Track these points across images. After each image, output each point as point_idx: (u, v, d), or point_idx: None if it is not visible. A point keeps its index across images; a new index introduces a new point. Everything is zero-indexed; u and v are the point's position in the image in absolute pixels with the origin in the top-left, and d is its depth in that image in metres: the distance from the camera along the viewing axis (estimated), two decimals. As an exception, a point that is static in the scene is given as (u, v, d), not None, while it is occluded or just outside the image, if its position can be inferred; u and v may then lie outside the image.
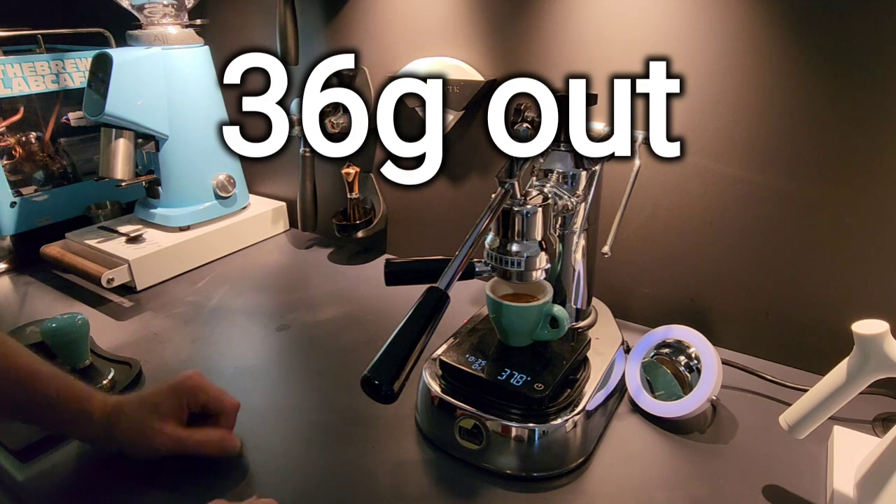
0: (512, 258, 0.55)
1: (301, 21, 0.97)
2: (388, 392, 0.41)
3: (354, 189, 1.01)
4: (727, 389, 0.68)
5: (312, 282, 0.99)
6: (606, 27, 0.72)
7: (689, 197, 0.74)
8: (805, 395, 0.51)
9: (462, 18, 0.84)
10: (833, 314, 0.68)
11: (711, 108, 0.69)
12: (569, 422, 0.56)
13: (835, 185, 0.64)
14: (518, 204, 0.54)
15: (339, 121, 0.97)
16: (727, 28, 0.65)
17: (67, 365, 0.68)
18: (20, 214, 1.05)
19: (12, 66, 1.01)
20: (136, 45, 1.00)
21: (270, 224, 1.18)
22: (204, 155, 1.06)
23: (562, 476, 0.57)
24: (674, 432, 0.62)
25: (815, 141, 0.64)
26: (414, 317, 0.45)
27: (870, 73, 0.59)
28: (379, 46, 0.94)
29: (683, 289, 0.78)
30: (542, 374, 0.57)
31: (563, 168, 0.62)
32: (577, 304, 0.69)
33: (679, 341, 0.64)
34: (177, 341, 0.82)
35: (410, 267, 0.62)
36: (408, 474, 0.58)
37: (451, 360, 0.60)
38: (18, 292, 0.97)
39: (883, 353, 0.45)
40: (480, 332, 0.65)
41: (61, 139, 1.14)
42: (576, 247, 0.66)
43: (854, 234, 0.65)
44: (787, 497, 0.54)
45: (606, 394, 0.62)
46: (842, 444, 0.57)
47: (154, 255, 0.97)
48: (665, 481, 0.56)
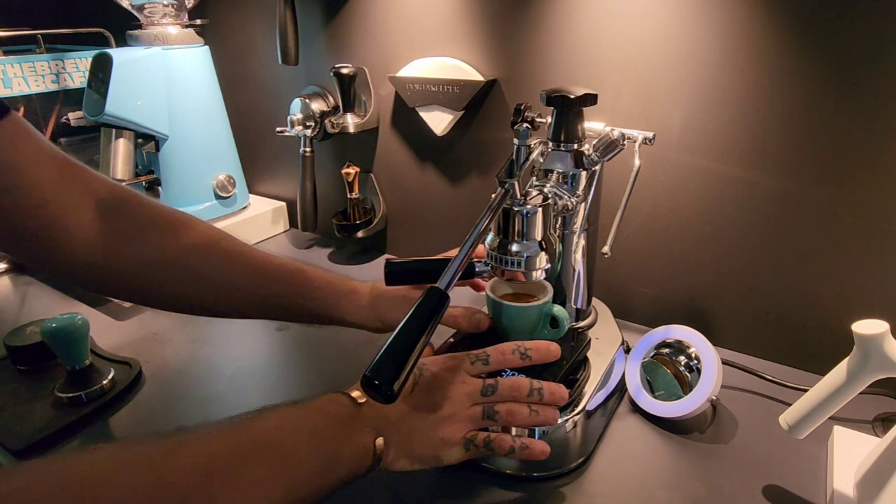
0: (512, 258, 0.55)
1: (301, 21, 0.97)
2: (389, 392, 0.41)
3: (354, 189, 1.01)
4: (727, 389, 0.68)
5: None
6: (606, 27, 0.72)
7: (689, 197, 0.74)
8: (805, 395, 0.51)
9: (462, 18, 0.84)
10: (833, 314, 0.68)
11: (711, 108, 0.69)
12: (569, 422, 0.56)
13: (835, 185, 0.64)
14: (518, 204, 0.54)
15: (339, 121, 0.97)
16: (728, 28, 0.65)
17: (67, 365, 0.68)
18: (20, 214, 1.05)
19: (12, 66, 1.01)
20: (136, 45, 1.00)
21: (270, 224, 1.18)
22: (204, 155, 1.06)
23: (562, 476, 0.57)
24: (674, 432, 0.62)
25: (815, 141, 0.64)
26: (414, 317, 0.45)
27: (870, 73, 0.59)
28: (379, 46, 0.94)
29: (683, 289, 0.78)
30: (542, 373, 0.57)
31: (563, 168, 0.62)
32: (577, 304, 0.69)
33: (679, 341, 0.64)
34: (177, 341, 0.82)
35: (410, 267, 0.62)
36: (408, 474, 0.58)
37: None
38: (18, 292, 0.97)
39: (883, 353, 0.45)
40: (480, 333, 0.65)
41: (61, 139, 1.14)
42: (576, 247, 0.66)
43: (854, 234, 0.65)
44: (787, 497, 0.54)
45: (606, 394, 0.62)
46: (842, 444, 0.57)
47: (154, 255, 0.97)
48: (665, 481, 0.56)
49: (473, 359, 0.52)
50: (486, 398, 0.51)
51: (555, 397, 0.52)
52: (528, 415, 0.50)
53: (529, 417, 0.50)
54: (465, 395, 0.51)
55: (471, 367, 0.52)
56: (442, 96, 0.86)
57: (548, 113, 0.64)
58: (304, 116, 1.01)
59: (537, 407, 0.51)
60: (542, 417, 0.51)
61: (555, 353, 0.54)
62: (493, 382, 0.51)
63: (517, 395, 0.51)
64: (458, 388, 0.51)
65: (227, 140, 1.12)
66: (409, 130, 0.97)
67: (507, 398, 0.51)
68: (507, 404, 0.51)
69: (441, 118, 0.89)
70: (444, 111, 0.88)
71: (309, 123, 1.01)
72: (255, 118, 1.18)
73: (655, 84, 0.71)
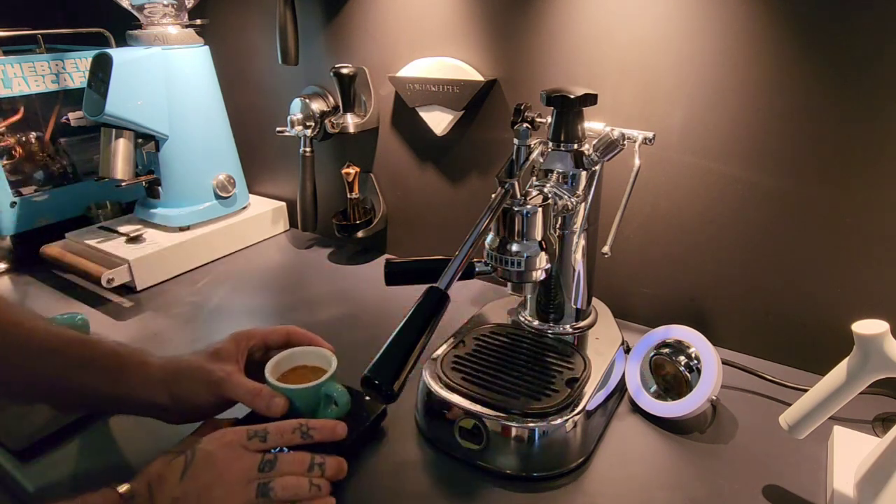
0: (512, 258, 0.55)
1: (301, 21, 0.97)
2: (389, 392, 0.41)
3: (354, 189, 1.01)
4: (727, 389, 0.68)
5: (312, 282, 0.99)
6: (607, 27, 0.72)
7: (689, 197, 0.74)
8: (805, 395, 0.51)
9: (462, 18, 0.84)
10: (833, 314, 0.68)
11: (711, 108, 0.69)
12: (569, 422, 0.56)
13: (835, 185, 0.64)
14: (518, 204, 0.54)
15: (339, 121, 0.97)
16: (728, 28, 0.65)
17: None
18: (20, 214, 1.05)
19: (12, 66, 1.01)
20: (136, 45, 1.00)
21: (270, 224, 1.18)
22: (204, 155, 1.06)
23: (562, 476, 0.57)
24: (674, 432, 0.62)
25: (815, 141, 0.64)
26: (414, 317, 0.45)
27: (870, 74, 0.59)
28: (379, 46, 0.94)
29: (683, 289, 0.78)
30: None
31: (563, 168, 0.62)
32: (577, 304, 0.69)
33: (679, 341, 0.64)
34: (177, 341, 0.82)
35: (410, 267, 0.62)
36: (408, 474, 0.58)
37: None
38: (18, 292, 0.97)
39: (883, 353, 0.45)
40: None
41: (61, 139, 1.14)
42: (576, 247, 0.66)
43: (854, 234, 0.65)
44: (787, 497, 0.54)
45: (606, 394, 0.62)
46: (842, 444, 0.57)
47: (154, 255, 0.97)
48: (665, 481, 0.56)
49: (252, 434, 0.51)
50: (262, 474, 0.49)
51: (338, 472, 0.52)
52: (306, 488, 0.49)
53: (309, 492, 0.49)
54: (240, 473, 0.48)
55: (248, 442, 0.50)
56: (442, 96, 0.86)
57: (548, 113, 0.64)
58: (304, 116, 1.01)
59: (318, 481, 0.50)
60: (324, 493, 0.50)
61: (340, 433, 0.54)
62: (272, 458, 0.50)
63: (297, 469, 0.50)
64: (232, 464, 0.48)
65: (227, 140, 1.12)
66: (409, 130, 0.97)
67: (286, 473, 0.49)
68: (285, 478, 0.49)
69: (441, 118, 0.89)
70: (444, 111, 0.88)
71: (309, 123, 1.01)
72: (255, 118, 1.18)
73: (655, 84, 0.71)
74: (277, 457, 0.50)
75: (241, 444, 0.50)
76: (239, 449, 0.49)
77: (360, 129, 0.98)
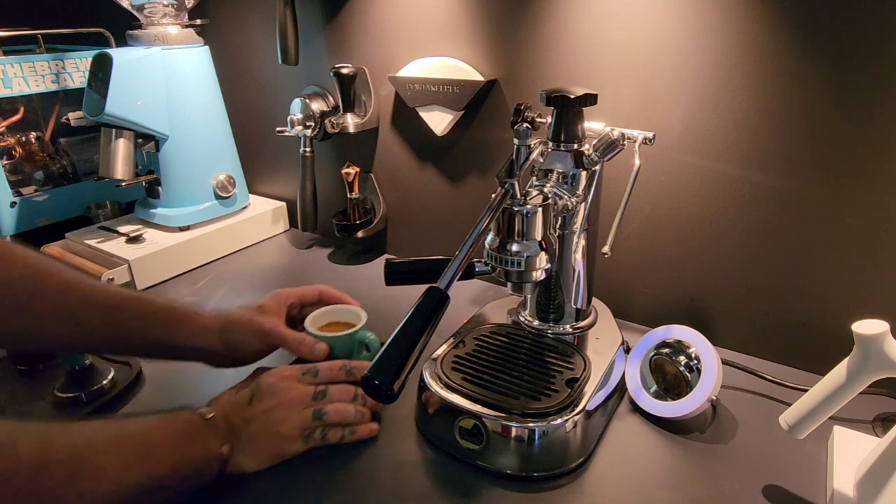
0: (512, 258, 0.55)
1: (301, 21, 0.97)
2: (389, 392, 0.41)
3: (354, 189, 1.01)
4: (727, 389, 0.68)
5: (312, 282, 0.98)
6: (607, 27, 0.72)
7: (689, 197, 0.74)
8: (805, 395, 0.51)
9: (462, 18, 0.84)
10: (833, 314, 0.68)
11: (711, 108, 0.69)
12: (569, 422, 0.56)
13: (835, 185, 0.64)
14: (518, 204, 0.54)
15: (339, 121, 0.97)
16: (728, 28, 0.65)
17: (67, 365, 0.68)
18: (20, 214, 1.05)
19: (12, 66, 1.01)
20: (136, 45, 1.00)
21: (270, 224, 1.18)
22: (204, 155, 1.06)
23: (562, 476, 0.57)
24: (674, 432, 0.62)
25: (815, 141, 0.64)
26: (414, 317, 0.45)
27: (870, 74, 0.59)
28: (379, 46, 0.94)
29: (683, 289, 0.78)
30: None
31: (563, 168, 0.62)
32: (577, 304, 0.69)
33: (679, 341, 0.64)
34: (177, 341, 0.81)
35: (410, 267, 0.62)
36: (408, 474, 0.58)
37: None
38: (18, 292, 0.97)
39: (883, 353, 0.45)
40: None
41: (61, 139, 1.14)
42: (576, 247, 0.66)
43: (854, 234, 0.65)
44: (787, 497, 0.54)
45: (606, 394, 0.62)
46: (842, 444, 0.57)
47: (154, 255, 0.97)
48: (665, 481, 0.56)
49: (305, 371, 0.61)
50: (316, 402, 0.59)
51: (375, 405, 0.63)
52: (353, 413, 0.60)
53: (354, 417, 0.60)
54: (298, 399, 0.58)
55: (302, 377, 0.60)
56: (442, 96, 0.86)
57: (548, 113, 0.64)
58: (304, 116, 1.01)
59: (361, 409, 0.61)
60: (366, 419, 0.61)
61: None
62: (324, 389, 0.60)
63: (343, 398, 0.60)
64: (291, 392, 0.58)
65: (227, 140, 1.12)
66: (409, 130, 0.97)
67: (335, 400, 0.60)
68: (335, 405, 0.59)
69: (441, 118, 0.89)
70: (444, 111, 0.88)
71: (309, 123, 1.01)
72: (255, 118, 1.18)
73: (655, 84, 0.71)
74: (328, 388, 0.60)
75: (297, 377, 0.60)
76: (295, 381, 0.60)
77: (360, 129, 0.98)
